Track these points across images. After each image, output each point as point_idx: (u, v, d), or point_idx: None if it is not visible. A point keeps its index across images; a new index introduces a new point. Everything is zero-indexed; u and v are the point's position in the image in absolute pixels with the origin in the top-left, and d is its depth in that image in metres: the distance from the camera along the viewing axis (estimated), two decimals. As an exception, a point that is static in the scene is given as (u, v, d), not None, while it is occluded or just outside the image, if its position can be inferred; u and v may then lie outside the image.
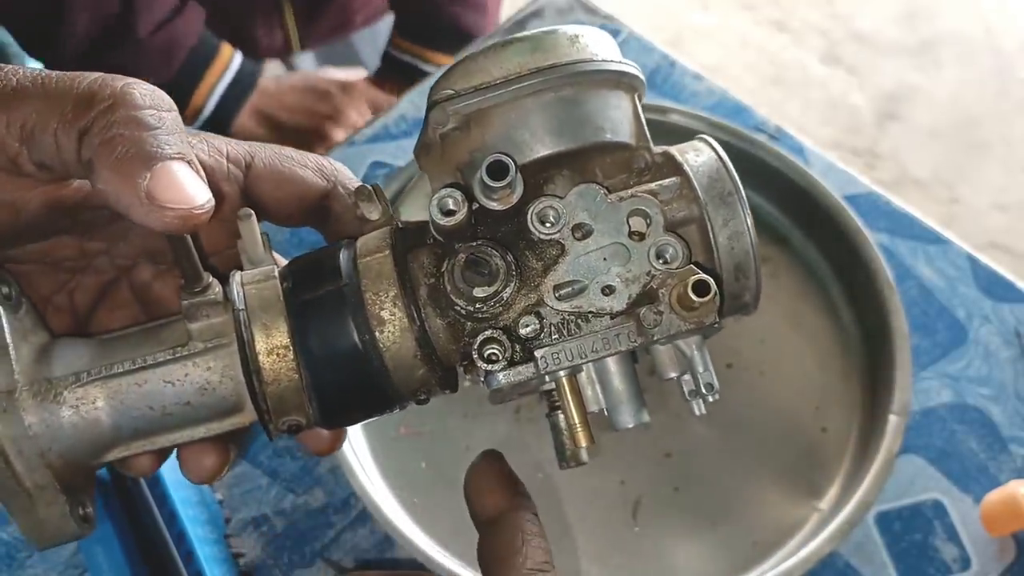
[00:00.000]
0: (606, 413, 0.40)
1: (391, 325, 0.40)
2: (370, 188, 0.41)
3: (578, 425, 0.40)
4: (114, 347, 0.41)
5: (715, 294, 0.38)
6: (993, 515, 0.71)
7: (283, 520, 0.73)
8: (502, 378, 0.39)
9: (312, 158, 0.44)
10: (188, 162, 0.36)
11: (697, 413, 0.41)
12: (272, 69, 1.39)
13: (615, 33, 0.97)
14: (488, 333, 0.38)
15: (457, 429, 0.73)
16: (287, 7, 1.16)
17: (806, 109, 2.25)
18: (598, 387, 0.41)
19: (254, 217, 0.41)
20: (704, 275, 0.38)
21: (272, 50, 1.20)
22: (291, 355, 0.40)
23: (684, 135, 0.81)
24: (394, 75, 1.17)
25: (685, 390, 0.41)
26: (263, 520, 0.73)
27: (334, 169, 0.44)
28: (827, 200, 0.77)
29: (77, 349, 0.41)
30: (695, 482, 0.71)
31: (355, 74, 1.22)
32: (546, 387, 0.41)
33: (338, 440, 0.45)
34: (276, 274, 0.41)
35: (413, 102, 0.92)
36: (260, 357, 0.40)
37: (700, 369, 0.41)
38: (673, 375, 0.41)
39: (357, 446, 0.70)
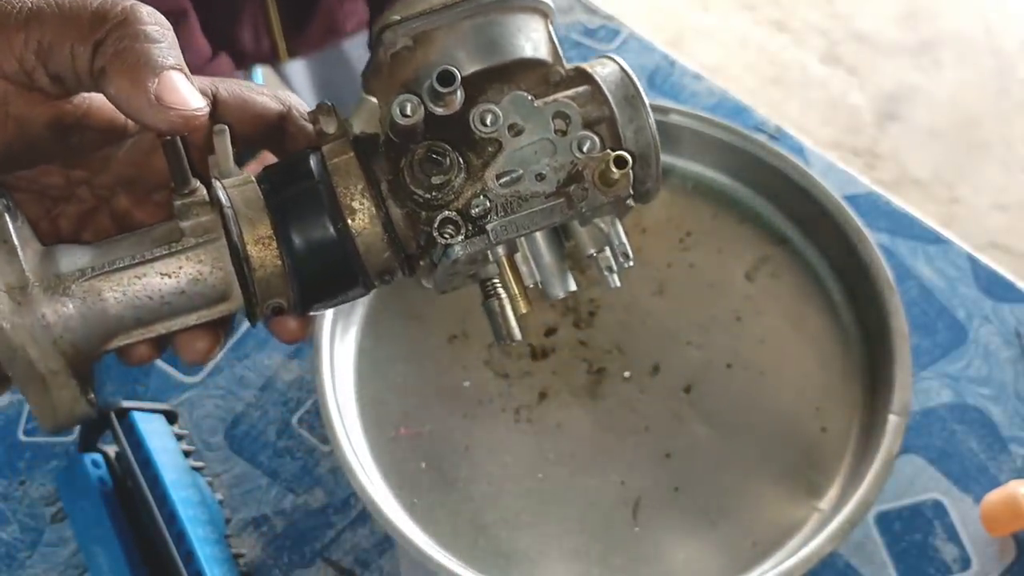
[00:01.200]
0: (540, 286, 0.48)
1: (360, 214, 0.46)
2: (328, 104, 0.47)
3: (518, 296, 0.48)
4: (113, 247, 0.46)
5: (630, 167, 0.45)
6: (993, 515, 0.71)
7: (283, 520, 0.73)
8: (459, 249, 0.45)
9: (266, 87, 0.50)
10: (185, 73, 0.42)
11: (613, 286, 0.48)
12: (266, 77, 1.39)
13: (615, 33, 0.97)
14: (445, 214, 0.45)
15: (457, 429, 0.73)
16: (273, 14, 1.16)
17: (806, 109, 2.25)
18: (532, 264, 0.48)
19: (227, 132, 0.47)
20: (622, 151, 0.46)
21: (259, 57, 1.20)
22: (275, 244, 0.46)
23: (684, 135, 0.81)
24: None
25: (603, 266, 0.48)
26: (263, 520, 0.73)
27: (287, 95, 0.50)
28: (827, 200, 0.77)
29: (77, 251, 0.46)
30: (695, 482, 0.71)
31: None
32: (483, 276, 0.49)
33: (304, 330, 0.50)
34: (253, 179, 0.47)
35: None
36: (248, 246, 0.45)
37: (616, 241, 0.48)
38: (592, 251, 0.48)
39: (357, 446, 0.70)
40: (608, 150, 0.46)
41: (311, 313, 0.50)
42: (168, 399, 0.78)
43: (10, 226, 0.45)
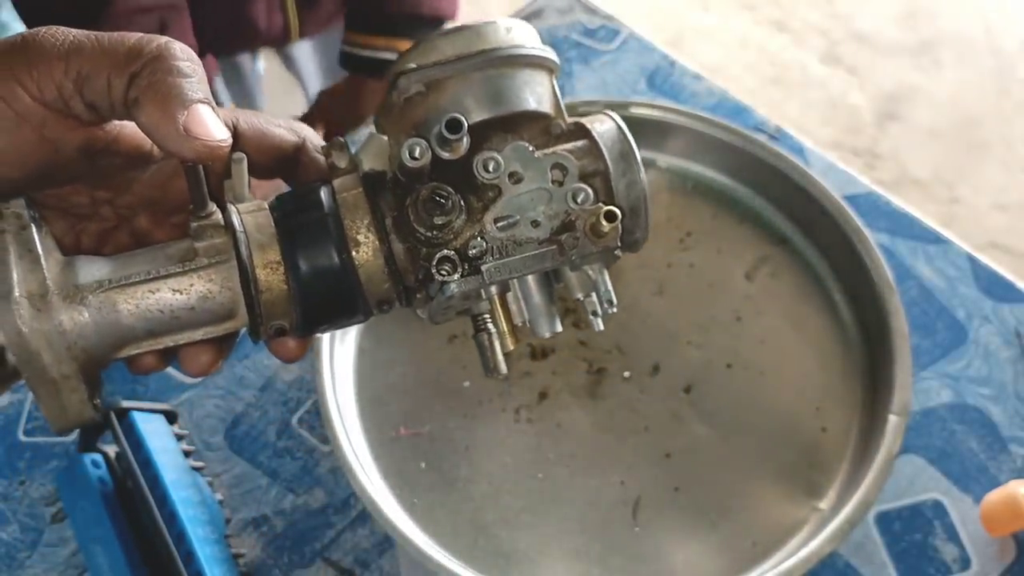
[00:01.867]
0: (528, 324, 0.51)
1: (365, 247, 0.49)
2: (342, 140, 0.50)
3: (507, 333, 0.51)
4: (129, 261, 0.49)
5: (619, 221, 0.48)
6: (993, 515, 0.71)
7: (283, 520, 0.73)
8: (454, 287, 0.48)
9: (283, 119, 0.53)
10: (212, 107, 0.45)
11: (597, 329, 0.51)
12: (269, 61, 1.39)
13: (615, 33, 0.97)
14: (443, 252, 0.48)
15: (457, 430, 0.73)
16: None
17: (806, 109, 2.25)
18: (522, 304, 0.51)
19: (245, 161, 0.50)
20: (612, 207, 0.48)
21: (271, 36, 1.21)
22: (282, 269, 0.49)
23: (684, 136, 0.81)
24: (359, 72, 1.20)
25: (589, 310, 0.51)
26: (263, 520, 0.73)
27: (301, 127, 0.53)
28: (827, 200, 0.77)
29: (96, 263, 0.49)
30: (695, 482, 0.71)
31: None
32: (475, 311, 0.52)
33: (302, 350, 0.53)
34: (266, 206, 0.50)
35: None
36: (257, 269, 0.48)
37: (602, 288, 0.51)
38: (580, 296, 0.51)
39: (357, 446, 0.70)
40: (601, 203, 0.49)
41: (311, 335, 0.53)
42: (168, 399, 0.78)
43: (35, 236, 0.48)
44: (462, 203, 0.49)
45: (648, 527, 0.70)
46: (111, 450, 0.71)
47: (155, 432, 0.70)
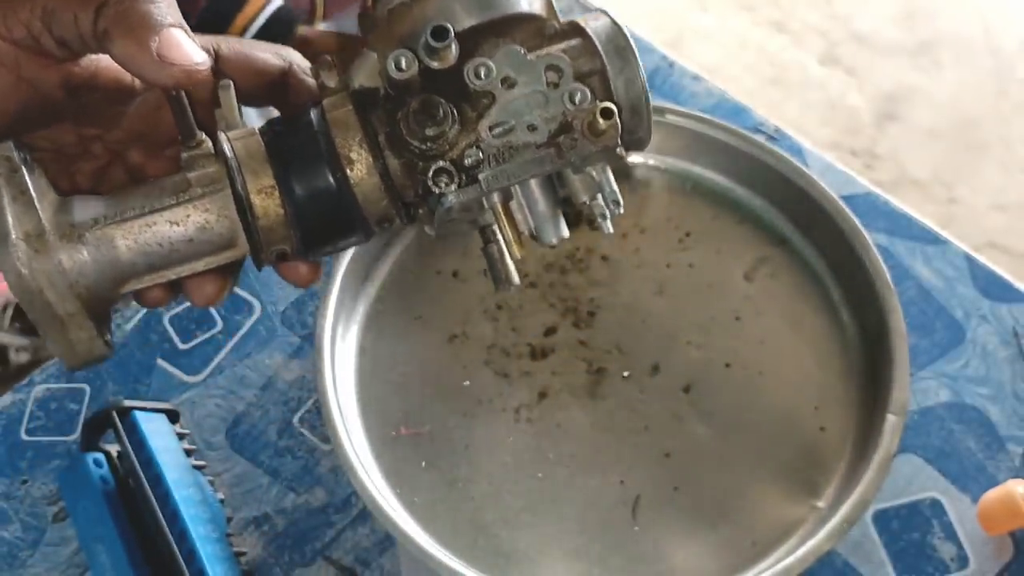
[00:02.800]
0: (534, 232, 0.50)
1: (358, 164, 0.48)
2: (329, 59, 0.50)
3: (512, 241, 0.50)
4: (124, 198, 0.49)
5: (617, 118, 0.47)
6: (991, 514, 0.72)
7: (284, 519, 0.74)
8: (452, 198, 0.48)
9: (268, 44, 0.53)
10: (185, 30, 0.45)
11: (607, 232, 0.50)
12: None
13: (614, 34, 0.98)
14: (439, 164, 0.48)
15: (457, 429, 0.73)
16: None
17: (805, 110, 2.25)
18: (527, 211, 0.50)
19: (232, 87, 0.50)
20: (608, 103, 0.48)
21: (297, 14, 1.21)
22: (277, 193, 0.48)
23: (683, 136, 0.81)
24: None
25: (596, 213, 0.50)
26: (264, 519, 0.74)
27: (288, 51, 0.52)
28: (826, 200, 0.77)
29: (91, 202, 0.49)
30: (694, 481, 0.72)
31: None
32: (482, 222, 0.51)
33: (315, 273, 0.53)
34: (257, 131, 0.50)
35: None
36: (251, 196, 0.48)
37: (607, 189, 0.49)
38: (585, 199, 0.50)
39: (358, 445, 0.70)
40: (598, 101, 0.48)
41: (317, 258, 0.53)
42: (170, 398, 0.79)
43: (27, 178, 0.48)
44: (455, 113, 0.48)
45: (648, 526, 0.70)
46: (113, 449, 0.71)
47: (157, 431, 0.70)
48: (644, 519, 0.70)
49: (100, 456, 0.71)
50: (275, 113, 0.54)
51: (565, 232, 0.51)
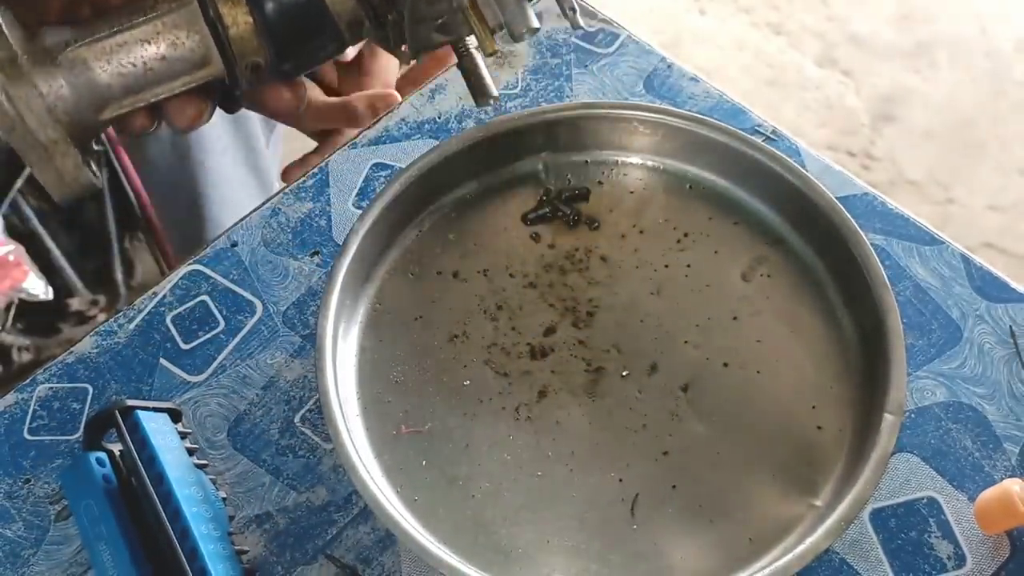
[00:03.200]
0: (505, 24, 0.51)
1: None
2: None
3: (485, 37, 0.52)
4: (93, 24, 0.49)
5: None
6: (988, 513, 0.72)
7: (286, 518, 0.74)
8: None
9: None
10: None
11: (575, 26, 0.53)
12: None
13: (614, 37, 0.98)
14: None
15: (457, 428, 0.74)
16: None
17: (802, 111, 2.26)
18: (495, 6, 0.51)
19: None
20: None
21: None
22: (243, 1, 0.49)
23: (681, 137, 0.82)
24: None
25: (566, 7, 0.53)
26: (266, 518, 0.74)
27: None
28: (823, 201, 0.78)
29: (62, 30, 0.49)
30: (692, 479, 0.72)
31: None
32: (453, 37, 0.53)
33: (297, 96, 0.54)
34: None
35: (413, 104, 0.93)
36: (219, 5, 0.48)
37: None
38: None
39: (359, 444, 0.70)
40: None
41: (294, 76, 0.54)
42: (172, 398, 0.79)
43: None
44: None
45: (646, 524, 0.71)
46: (115, 448, 0.72)
47: (159, 431, 0.71)
48: (642, 516, 0.71)
49: (103, 455, 0.71)
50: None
51: (535, 22, 0.52)
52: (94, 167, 0.50)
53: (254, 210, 0.88)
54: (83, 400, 0.80)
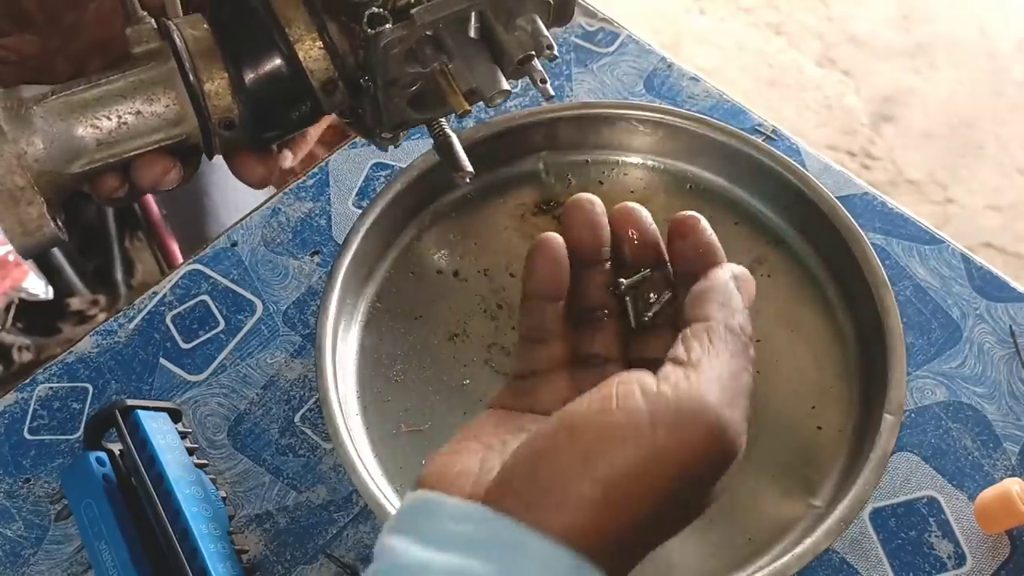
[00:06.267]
0: (476, 89, 0.52)
1: (296, 22, 0.50)
2: None
3: (458, 99, 0.52)
4: (72, 81, 0.50)
5: None
6: (988, 512, 0.72)
7: (286, 517, 0.74)
8: (389, 32, 0.48)
9: None
10: None
11: (547, 97, 0.52)
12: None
13: (614, 36, 0.98)
14: (372, 10, 0.49)
15: (456, 427, 0.73)
16: None
17: (802, 111, 2.26)
18: (467, 71, 0.52)
19: None
20: None
21: None
22: (219, 57, 0.49)
23: (681, 137, 0.82)
24: None
25: (536, 79, 0.52)
26: (266, 517, 0.74)
27: None
28: (823, 201, 0.78)
29: (42, 87, 0.49)
30: (693, 479, 0.72)
31: None
32: (430, 116, 0.54)
33: (268, 169, 0.54)
34: (199, 14, 0.51)
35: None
36: (195, 59, 0.49)
37: (540, 35, 0.51)
38: (520, 54, 0.51)
39: (359, 444, 0.70)
40: None
41: (270, 143, 0.54)
42: (172, 398, 0.79)
43: None
44: None
45: (646, 524, 0.70)
46: (116, 448, 0.72)
47: (159, 430, 0.71)
48: (643, 517, 0.71)
49: (103, 455, 0.71)
50: None
51: (505, 84, 0.52)
52: (60, 222, 0.50)
53: (254, 210, 0.88)
54: (83, 400, 0.80)
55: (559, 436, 0.40)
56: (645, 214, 0.50)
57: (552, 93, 0.53)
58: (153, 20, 0.51)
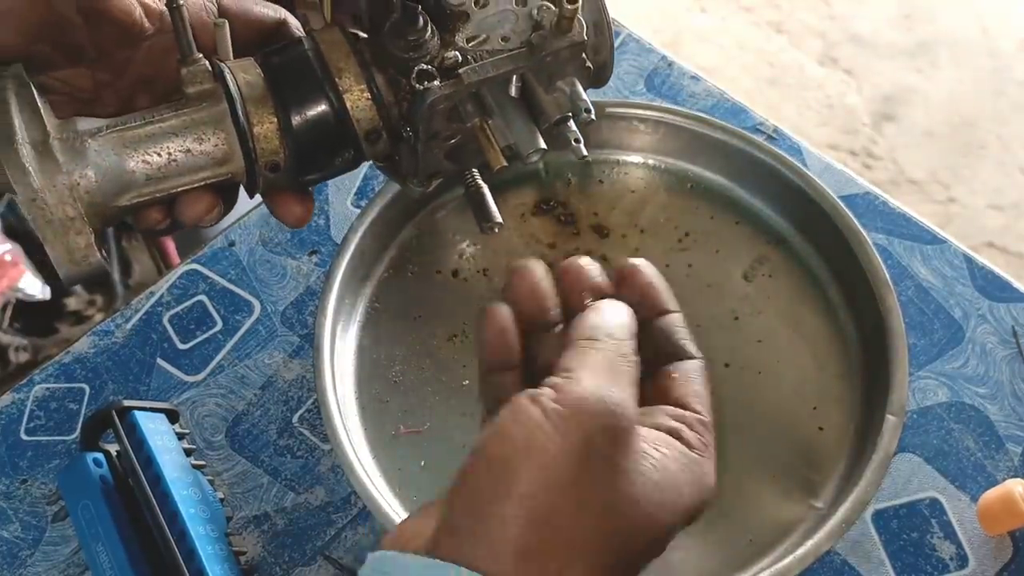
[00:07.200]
0: (513, 145, 0.54)
1: (346, 74, 0.52)
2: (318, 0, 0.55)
3: (495, 154, 0.54)
4: (126, 116, 0.52)
5: (580, 4, 0.51)
6: (990, 513, 0.72)
7: (284, 518, 0.74)
8: (435, 92, 0.51)
9: (262, 1, 0.57)
10: None
11: (580, 156, 0.54)
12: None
13: (615, 35, 0.98)
14: (421, 66, 0.51)
15: (456, 428, 0.73)
16: None
17: (803, 110, 2.26)
18: (505, 128, 0.54)
19: (227, 25, 0.53)
20: None
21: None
22: (270, 102, 0.51)
23: (682, 136, 0.82)
24: None
25: (570, 138, 0.54)
26: (264, 518, 0.74)
27: (283, 10, 0.57)
28: (824, 201, 0.77)
29: (95, 120, 0.51)
30: (693, 481, 0.72)
31: None
32: (464, 166, 0.56)
33: (306, 211, 0.56)
34: (251, 58, 0.53)
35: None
36: (246, 103, 0.51)
37: (578, 98, 0.54)
38: (558, 115, 0.53)
39: (357, 445, 0.70)
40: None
41: (309, 185, 0.56)
42: (169, 398, 0.79)
43: (36, 94, 0.50)
44: (433, 27, 0.52)
45: (647, 525, 0.70)
46: (113, 449, 0.71)
47: (157, 431, 0.70)
48: (643, 518, 0.70)
49: (100, 456, 0.71)
50: None
51: (542, 144, 0.54)
52: (105, 252, 0.51)
53: (251, 209, 0.87)
54: (80, 400, 0.79)
55: (474, 465, 0.44)
56: (591, 269, 0.50)
57: (585, 154, 0.54)
58: (207, 62, 0.52)
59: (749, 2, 2.47)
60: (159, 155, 0.51)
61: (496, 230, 0.58)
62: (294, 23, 0.57)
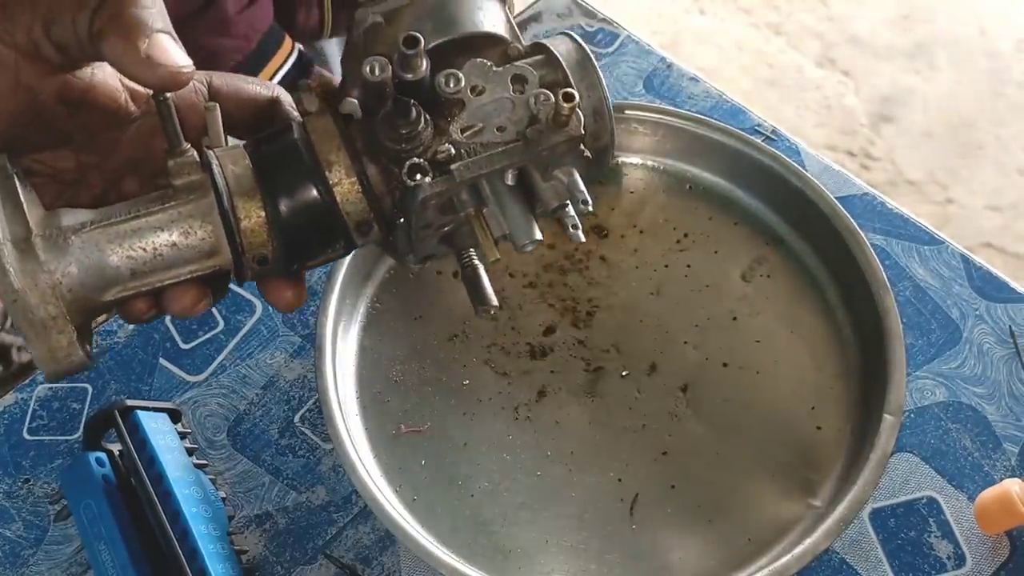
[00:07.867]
0: (508, 236, 0.51)
1: (336, 166, 0.50)
2: (309, 83, 0.52)
3: (490, 246, 0.52)
4: (111, 208, 0.50)
5: (577, 101, 0.50)
6: (987, 513, 0.72)
7: (285, 517, 0.74)
8: (427, 189, 0.49)
9: (256, 79, 0.56)
10: (172, 37, 0.48)
11: (577, 241, 0.52)
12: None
13: (614, 37, 0.98)
14: (413, 160, 0.49)
15: (456, 428, 0.74)
16: None
17: (802, 111, 2.26)
18: (500, 217, 0.51)
19: (218, 109, 0.52)
20: (569, 88, 0.50)
21: (307, 31, 1.23)
22: (258, 195, 0.50)
23: (681, 137, 0.82)
24: None
25: (568, 224, 0.51)
26: (266, 517, 0.74)
27: (276, 86, 0.55)
28: (822, 201, 0.78)
29: (79, 213, 0.50)
30: (691, 480, 0.72)
31: None
32: (459, 246, 0.54)
33: (298, 297, 0.54)
34: (241, 145, 0.52)
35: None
36: (234, 197, 0.49)
37: (576, 190, 0.51)
38: (555, 204, 0.51)
39: (358, 444, 0.70)
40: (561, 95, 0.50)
41: (300, 271, 0.54)
42: (172, 398, 0.79)
43: (18, 186, 0.49)
44: (427, 116, 0.50)
45: (645, 524, 0.71)
46: (115, 448, 0.72)
47: (159, 430, 0.71)
48: (641, 516, 0.71)
49: (102, 455, 0.71)
50: None
51: (538, 235, 0.52)
52: (89, 347, 0.51)
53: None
54: (83, 400, 0.80)
55: None
56: None
57: (583, 239, 0.53)
58: (195, 152, 0.51)
59: (748, 3, 2.47)
60: (144, 250, 0.49)
61: (492, 313, 0.56)
62: (287, 99, 0.55)
